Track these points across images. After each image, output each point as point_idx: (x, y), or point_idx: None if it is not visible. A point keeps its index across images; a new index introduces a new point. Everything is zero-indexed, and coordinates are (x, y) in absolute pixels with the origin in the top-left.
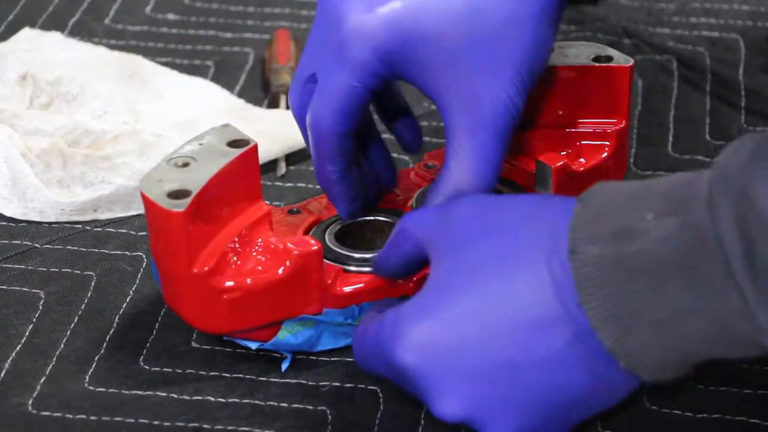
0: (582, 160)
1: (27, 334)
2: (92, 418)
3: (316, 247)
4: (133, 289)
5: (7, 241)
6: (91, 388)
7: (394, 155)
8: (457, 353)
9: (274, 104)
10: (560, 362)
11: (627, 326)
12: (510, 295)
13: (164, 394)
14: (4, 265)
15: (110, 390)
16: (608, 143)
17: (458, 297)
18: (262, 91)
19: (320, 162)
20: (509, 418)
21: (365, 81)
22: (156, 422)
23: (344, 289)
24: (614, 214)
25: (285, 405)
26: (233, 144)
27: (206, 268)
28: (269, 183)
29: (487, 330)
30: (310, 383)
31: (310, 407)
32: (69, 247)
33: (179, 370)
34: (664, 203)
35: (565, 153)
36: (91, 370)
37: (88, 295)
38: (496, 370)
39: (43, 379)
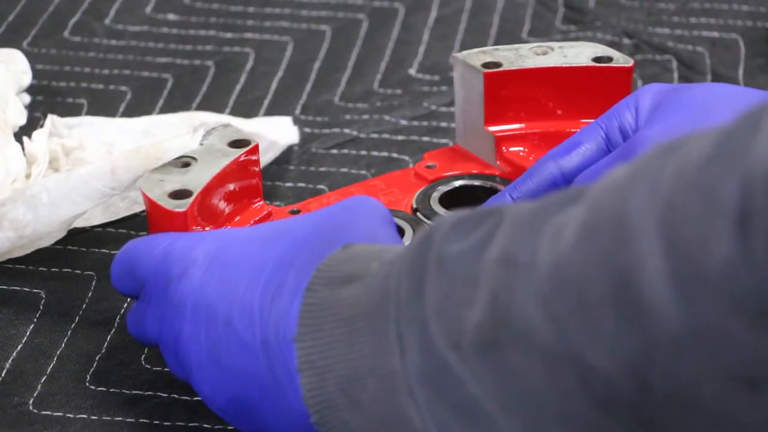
0: None
1: (27, 333)
2: (93, 417)
3: None
4: None
5: None
6: (92, 387)
7: (394, 155)
8: None
9: None
10: (246, 348)
11: (322, 377)
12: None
13: (165, 395)
14: (4, 265)
15: (111, 390)
16: None
17: None
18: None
19: None
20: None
21: None
22: (156, 422)
23: None
24: (356, 260)
25: None
26: (234, 144)
27: None
28: (270, 183)
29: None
30: None
31: None
32: (69, 247)
33: None
34: (394, 252)
35: None
36: (92, 369)
37: (89, 295)
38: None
39: (43, 379)
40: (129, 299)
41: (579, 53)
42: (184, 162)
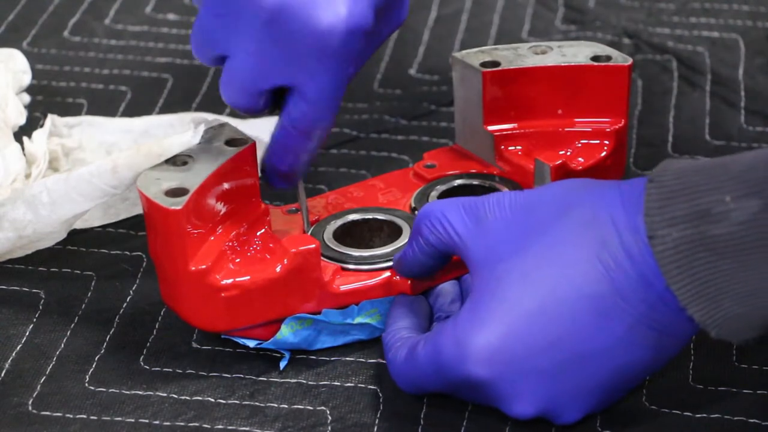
0: (580, 159)
1: (27, 333)
2: (92, 417)
3: (313, 245)
4: (133, 289)
5: None
6: (92, 387)
7: (393, 155)
8: (526, 357)
9: None
10: (624, 346)
11: (716, 301)
12: (566, 294)
13: (164, 394)
14: (5, 265)
15: (110, 390)
16: (607, 142)
17: (514, 303)
18: None
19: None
20: (581, 404)
21: (359, 63)
22: (156, 422)
23: (342, 287)
24: (688, 195)
25: (285, 405)
26: (231, 143)
27: (204, 266)
28: None
29: (549, 331)
30: (309, 383)
31: (310, 407)
32: (69, 247)
33: (179, 370)
34: (741, 184)
35: (563, 152)
36: (91, 369)
37: (88, 295)
38: (564, 365)
39: (43, 379)
40: (128, 298)
41: (577, 52)
42: (182, 161)
